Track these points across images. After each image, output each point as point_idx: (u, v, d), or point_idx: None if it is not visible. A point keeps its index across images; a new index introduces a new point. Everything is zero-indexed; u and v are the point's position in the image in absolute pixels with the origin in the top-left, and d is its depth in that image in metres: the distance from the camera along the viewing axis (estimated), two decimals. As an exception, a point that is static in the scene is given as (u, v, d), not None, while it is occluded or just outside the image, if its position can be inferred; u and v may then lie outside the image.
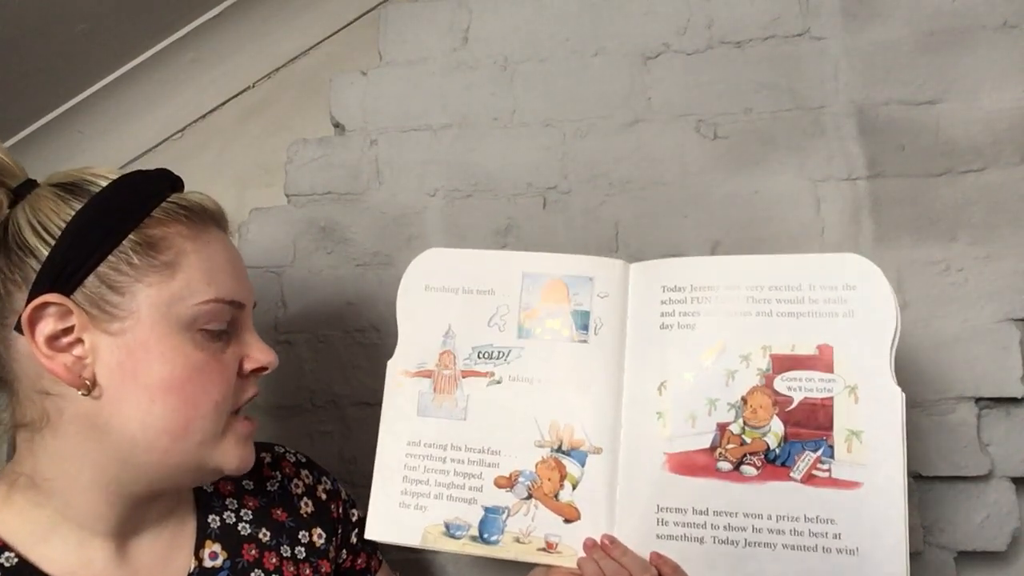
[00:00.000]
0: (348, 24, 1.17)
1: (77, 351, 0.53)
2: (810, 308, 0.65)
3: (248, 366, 0.60)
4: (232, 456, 0.58)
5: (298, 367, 0.97)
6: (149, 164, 1.19)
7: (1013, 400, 0.84)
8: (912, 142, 0.90)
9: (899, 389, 0.62)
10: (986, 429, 0.84)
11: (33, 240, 0.53)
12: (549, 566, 0.68)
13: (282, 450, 0.73)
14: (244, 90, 1.19)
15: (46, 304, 0.52)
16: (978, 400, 0.84)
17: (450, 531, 0.69)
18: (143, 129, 1.18)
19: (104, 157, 1.17)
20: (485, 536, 0.68)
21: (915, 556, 0.83)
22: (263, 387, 0.97)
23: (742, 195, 0.92)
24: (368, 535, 0.70)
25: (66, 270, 0.53)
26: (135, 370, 0.53)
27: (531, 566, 0.70)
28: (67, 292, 0.53)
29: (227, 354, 0.58)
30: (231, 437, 0.58)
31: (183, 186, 0.62)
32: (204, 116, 1.19)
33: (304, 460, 0.74)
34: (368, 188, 1.00)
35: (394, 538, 0.70)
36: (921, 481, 0.84)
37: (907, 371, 0.85)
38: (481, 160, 0.98)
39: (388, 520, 0.70)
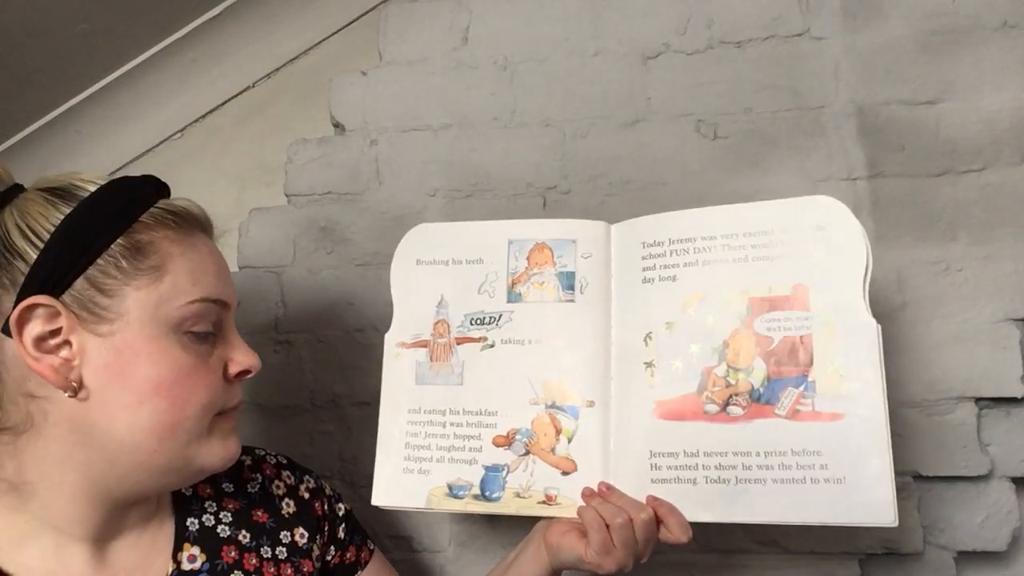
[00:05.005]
0: (348, 24, 1.17)
1: (64, 353, 0.53)
2: (783, 251, 0.67)
3: (233, 369, 0.60)
4: (218, 451, 0.59)
5: (298, 367, 0.97)
6: (149, 164, 1.21)
7: (1013, 400, 0.84)
8: (912, 142, 0.90)
9: (874, 321, 0.63)
10: (986, 429, 0.84)
11: (21, 243, 0.54)
12: (550, 519, 0.69)
13: (263, 452, 0.73)
14: (244, 90, 1.19)
15: (35, 306, 0.53)
16: (978, 400, 0.84)
17: (453, 492, 0.70)
18: (143, 129, 1.18)
19: (104, 157, 1.17)
20: (487, 494, 0.70)
21: (915, 556, 0.84)
22: (264, 387, 0.98)
23: (742, 195, 0.91)
24: (375, 502, 0.72)
25: (55, 273, 0.53)
26: (123, 372, 0.54)
27: (533, 523, 0.72)
28: (56, 294, 0.53)
29: (213, 357, 0.59)
30: (218, 434, 0.59)
31: (169, 192, 0.63)
32: (204, 116, 1.19)
33: (285, 461, 0.74)
34: (368, 188, 1.00)
35: (400, 503, 0.72)
36: (921, 481, 0.84)
37: (907, 371, 0.85)
38: (481, 160, 0.98)
39: (393, 487, 0.72)
